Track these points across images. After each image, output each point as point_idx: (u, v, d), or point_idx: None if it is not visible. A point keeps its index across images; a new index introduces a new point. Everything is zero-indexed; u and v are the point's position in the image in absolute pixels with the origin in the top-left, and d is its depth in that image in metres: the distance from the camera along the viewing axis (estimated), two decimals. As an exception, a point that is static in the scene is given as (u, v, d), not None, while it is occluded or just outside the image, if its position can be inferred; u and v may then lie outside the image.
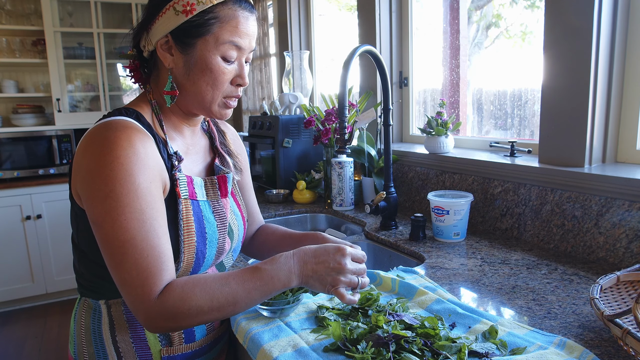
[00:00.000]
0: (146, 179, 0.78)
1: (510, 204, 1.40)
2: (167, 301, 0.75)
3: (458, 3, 1.87)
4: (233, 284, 0.79)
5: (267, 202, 2.05)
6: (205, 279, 0.79)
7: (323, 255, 0.82)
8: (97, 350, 0.91)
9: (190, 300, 0.76)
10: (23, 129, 3.61)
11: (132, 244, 0.75)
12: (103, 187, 0.75)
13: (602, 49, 1.20)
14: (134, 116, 0.86)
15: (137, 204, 0.76)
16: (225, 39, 0.84)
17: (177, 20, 0.83)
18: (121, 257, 0.75)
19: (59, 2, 3.69)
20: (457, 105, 1.91)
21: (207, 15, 0.83)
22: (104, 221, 0.75)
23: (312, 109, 2.15)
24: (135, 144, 0.78)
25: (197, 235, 0.88)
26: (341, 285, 0.82)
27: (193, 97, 0.88)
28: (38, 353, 2.87)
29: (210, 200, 0.93)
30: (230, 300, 0.78)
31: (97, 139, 0.78)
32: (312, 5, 2.91)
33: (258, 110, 3.60)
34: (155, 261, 0.76)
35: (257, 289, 0.79)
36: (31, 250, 3.47)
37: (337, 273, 0.82)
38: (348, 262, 0.83)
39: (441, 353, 0.75)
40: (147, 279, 0.75)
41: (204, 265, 0.91)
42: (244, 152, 1.16)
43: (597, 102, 1.22)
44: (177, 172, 0.87)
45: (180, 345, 0.92)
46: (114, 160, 0.75)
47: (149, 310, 0.75)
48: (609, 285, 0.89)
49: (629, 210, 1.10)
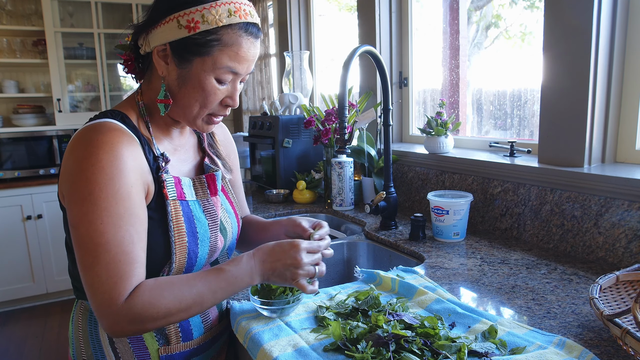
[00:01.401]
0: (126, 183, 0.78)
1: (510, 204, 1.41)
2: (135, 305, 0.75)
3: (458, 3, 1.87)
4: (199, 285, 0.81)
5: (267, 202, 2.05)
6: (172, 282, 0.80)
7: (279, 253, 0.87)
8: (95, 352, 0.91)
9: (159, 303, 0.77)
10: (24, 129, 3.61)
11: (105, 248, 0.75)
12: (82, 189, 0.76)
13: (602, 49, 1.20)
14: (119, 118, 0.86)
15: (115, 208, 0.76)
16: (224, 64, 0.83)
17: (179, 33, 0.82)
18: (93, 260, 0.75)
19: (60, 2, 3.70)
20: (457, 106, 1.91)
21: (210, 35, 0.81)
22: (80, 223, 0.76)
23: (312, 109, 2.15)
24: (118, 147, 0.78)
25: (188, 235, 0.88)
26: (300, 277, 0.86)
27: (179, 109, 0.88)
28: (38, 353, 2.87)
29: (200, 199, 0.94)
30: (197, 301, 0.80)
31: (81, 141, 0.79)
32: (312, 6, 2.91)
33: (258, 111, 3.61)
34: (126, 267, 0.76)
35: (223, 289, 0.83)
36: (32, 250, 3.47)
37: (295, 267, 0.86)
38: (303, 256, 0.86)
39: (441, 353, 0.75)
40: (116, 284, 0.75)
41: (197, 265, 0.91)
42: (234, 150, 1.16)
43: (596, 102, 1.22)
44: (163, 174, 0.87)
45: (177, 344, 0.92)
46: (95, 163, 0.76)
47: (115, 314, 0.75)
48: (608, 285, 0.89)
49: (628, 210, 1.10)
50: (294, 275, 0.85)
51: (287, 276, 0.86)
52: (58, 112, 3.66)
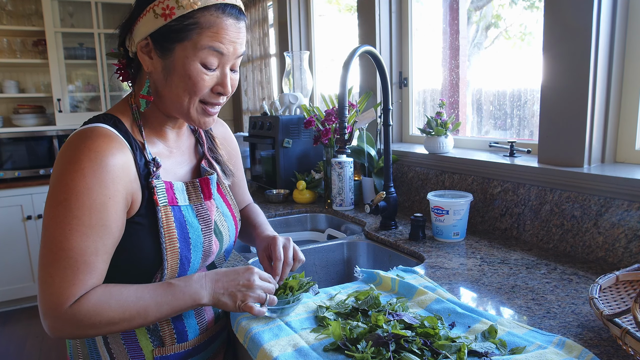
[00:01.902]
0: (104, 194, 0.78)
1: (510, 204, 1.41)
2: (79, 312, 0.76)
3: (458, 4, 1.87)
4: (147, 297, 0.81)
5: (267, 202, 2.05)
6: (121, 291, 0.80)
7: (233, 274, 0.88)
8: (91, 352, 0.92)
9: (104, 312, 0.77)
10: (24, 129, 3.62)
11: (67, 253, 0.76)
12: (60, 194, 0.76)
13: (601, 50, 1.20)
14: (112, 123, 0.85)
15: (88, 218, 0.76)
16: (204, 45, 0.81)
17: (156, 23, 0.81)
18: (51, 261, 0.76)
19: (60, 2, 3.70)
20: (457, 106, 1.91)
21: (187, 20, 0.80)
22: (49, 224, 0.76)
23: (312, 109, 2.15)
24: (104, 155, 0.78)
25: (180, 241, 0.87)
26: (250, 299, 0.87)
27: (171, 103, 0.87)
28: (39, 352, 2.88)
29: (193, 204, 0.93)
30: (141, 313, 0.81)
31: (69, 146, 0.79)
32: (312, 6, 2.92)
33: (258, 111, 3.61)
34: (82, 275, 0.77)
35: (168, 304, 0.83)
36: (32, 250, 3.47)
37: (247, 289, 0.87)
38: (256, 279, 0.88)
39: (441, 352, 0.75)
40: (66, 289, 0.76)
41: (191, 269, 0.91)
42: (236, 148, 1.15)
43: (596, 102, 1.22)
44: (154, 180, 0.86)
45: (172, 345, 0.92)
46: (77, 170, 0.76)
47: (57, 317, 0.76)
48: (608, 284, 0.90)
49: (628, 210, 1.11)
50: (245, 297, 0.86)
51: (238, 297, 0.86)
52: (58, 112, 3.66)
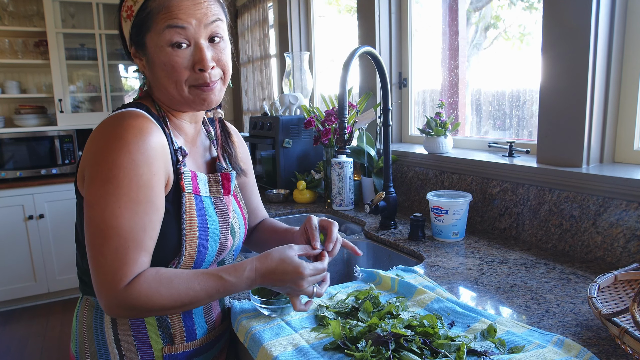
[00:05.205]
0: (150, 171, 0.79)
1: (509, 203, 1.41)
2: (132, 294, 0.77)
3: (457, 4, 1.88)
4: (197, 288, 0.82)
5: (267, 202, 2.05)
6: (171, 279, 0.80)
7: (282, 274, 0.85)
8: (99, 349, 0.91)
9: (155, 299, 0.78)
10: (25, 129, 3.62)
11: (117, 232, 0.76)
12: (107, 171, 0.77)
13: (600, 50, 1.21)
14: (145, 109, 0.87)
15: (136, 194, 0.77)
16: (162, 26, 0.81)
17: (127, 26, 0.86)
18: (102, 241, 0.76)
19: (61, 3, 3.70)
20: (456, 106, 1.92)
21: (144, 12, 0.83)
22: (97, 203, 0.77)
23: (312, 110, 2.16)
24: (146, 134, 0.79)
25: (199, 230, 0.89)
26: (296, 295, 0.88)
27: (165, 96, 0.89)
28: (40, 352, 2.88)
29: (213, 196, 0.95)
30: (193, 302, 0.82)
31: (109, 126, 0.80)
32: (312, 7, 2.92)
33: (258, 111, 3.62)
34: (133, 253, 0.77)
35: (220, 294, 0.84)
36: (33, 250, 3.48)
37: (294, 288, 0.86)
38: (305, 283, 0.86)
39: (440, 352, 0.76)
40: (120, 268, 0.77)
41: (206, 261, 0.92)
42: (247, 153, 1.17)
43: (594, 102, 1.23)
44: (182, 167, 0.88)
45: (182, 344, 0.93)
46: (122, 147, 0.77)
47: (112, 297, 0.77)
48: (606, 284, 0.90)
49: (627, 210, 1.11)
50: (292, 292, 0.87)
51: (285, 292, 0.88)
52: (60, 113, 3.67)
